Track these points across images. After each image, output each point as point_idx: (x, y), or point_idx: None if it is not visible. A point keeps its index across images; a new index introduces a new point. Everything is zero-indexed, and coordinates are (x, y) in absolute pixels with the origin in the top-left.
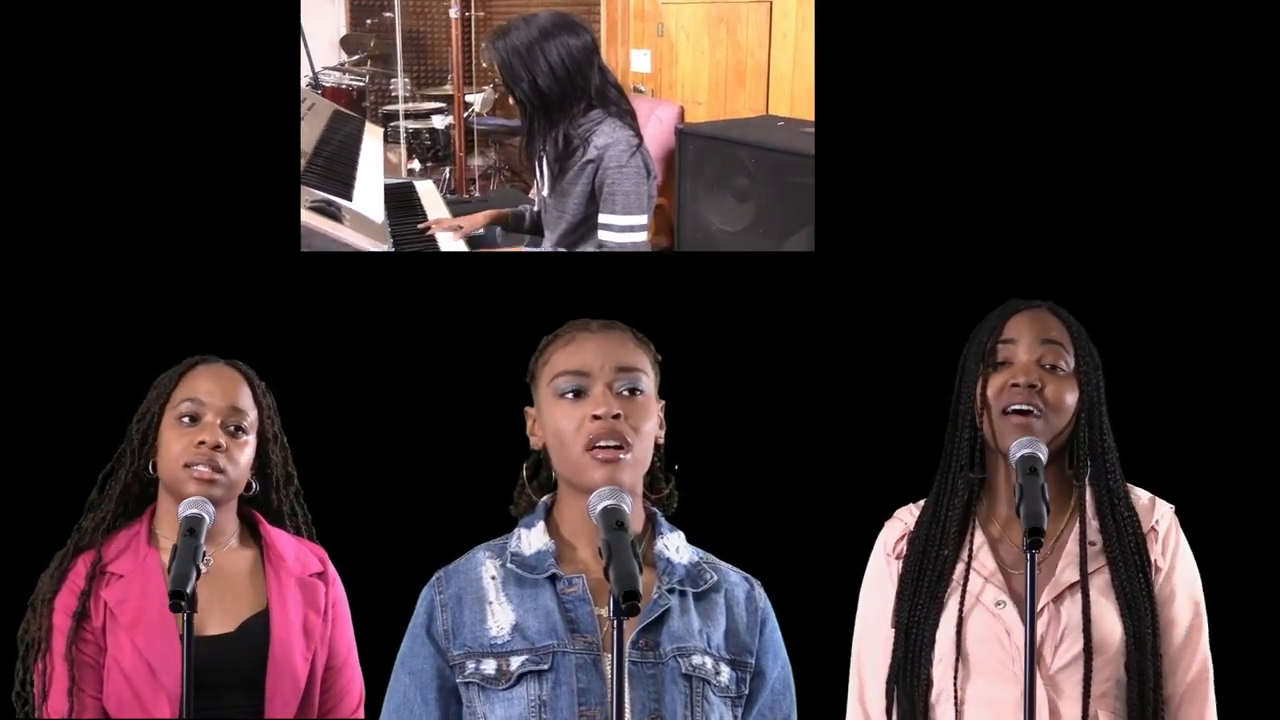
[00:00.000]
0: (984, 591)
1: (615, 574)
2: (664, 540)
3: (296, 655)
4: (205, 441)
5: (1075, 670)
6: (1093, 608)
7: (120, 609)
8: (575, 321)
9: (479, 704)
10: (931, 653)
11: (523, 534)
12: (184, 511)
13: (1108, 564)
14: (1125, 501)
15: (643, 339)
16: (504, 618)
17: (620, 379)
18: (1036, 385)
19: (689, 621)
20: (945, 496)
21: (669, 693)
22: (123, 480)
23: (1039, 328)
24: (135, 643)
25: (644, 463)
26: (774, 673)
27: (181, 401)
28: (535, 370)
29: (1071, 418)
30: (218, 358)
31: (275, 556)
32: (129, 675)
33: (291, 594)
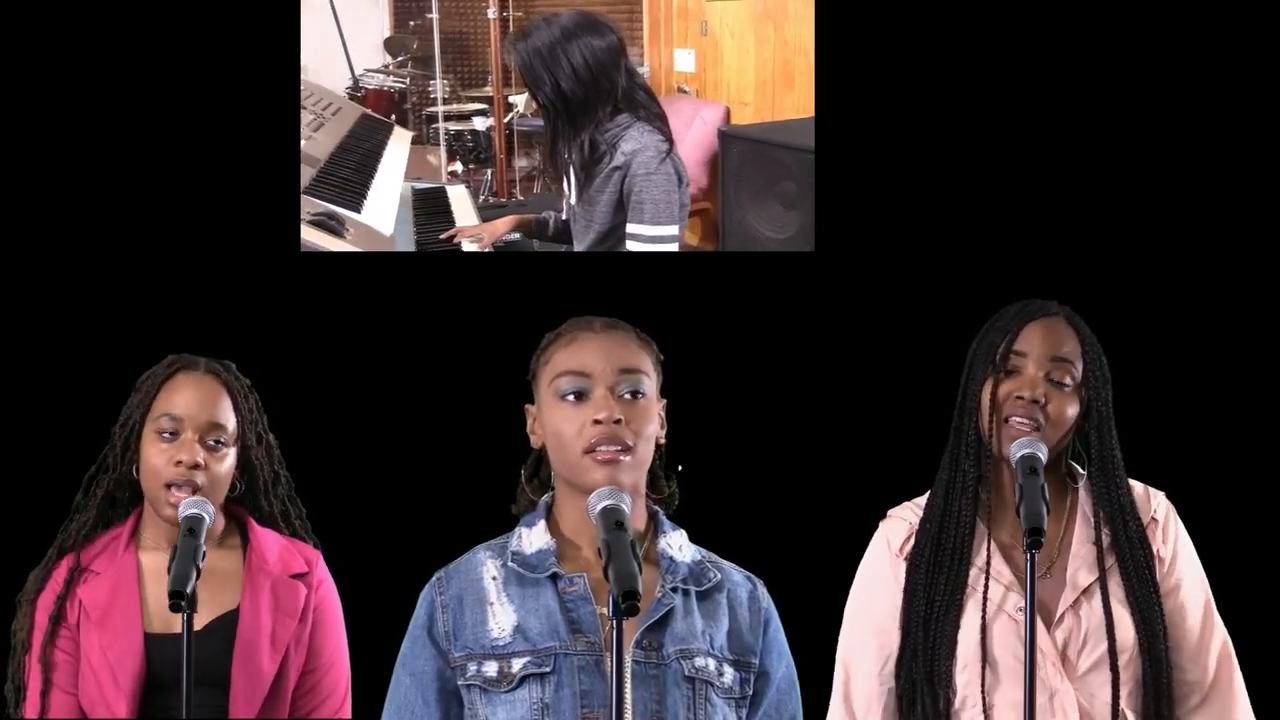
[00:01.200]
0: (1005, 600)
1: (615, 574)
2: (666, 539)
3: (263, 656)
4: (183, 461)
5: (1100, 673)
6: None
7: (92, 608)
8: (578, 320)
9: (480, 706)
10: (953, 656)
11: (523, 533)
12: (184, 511)
13: (1117, 564)
14: (1130, 498)
15: (645, 338)
16: (505, 619)
17: (622, 381)
18: (1040, 401)
19: (692, 622)
20: (956, 491)
21: (671, 695)
22: (105, 485)
23: (1052, 342)
24: (100, 642)
25: (644, 464)
26: (778, 673)
27: (161, 415)
28: (536, 369)
29: (1067, 431)
30: (199, 360)
31: (256, 557)
32: (96, 674)
33: (265, 595)
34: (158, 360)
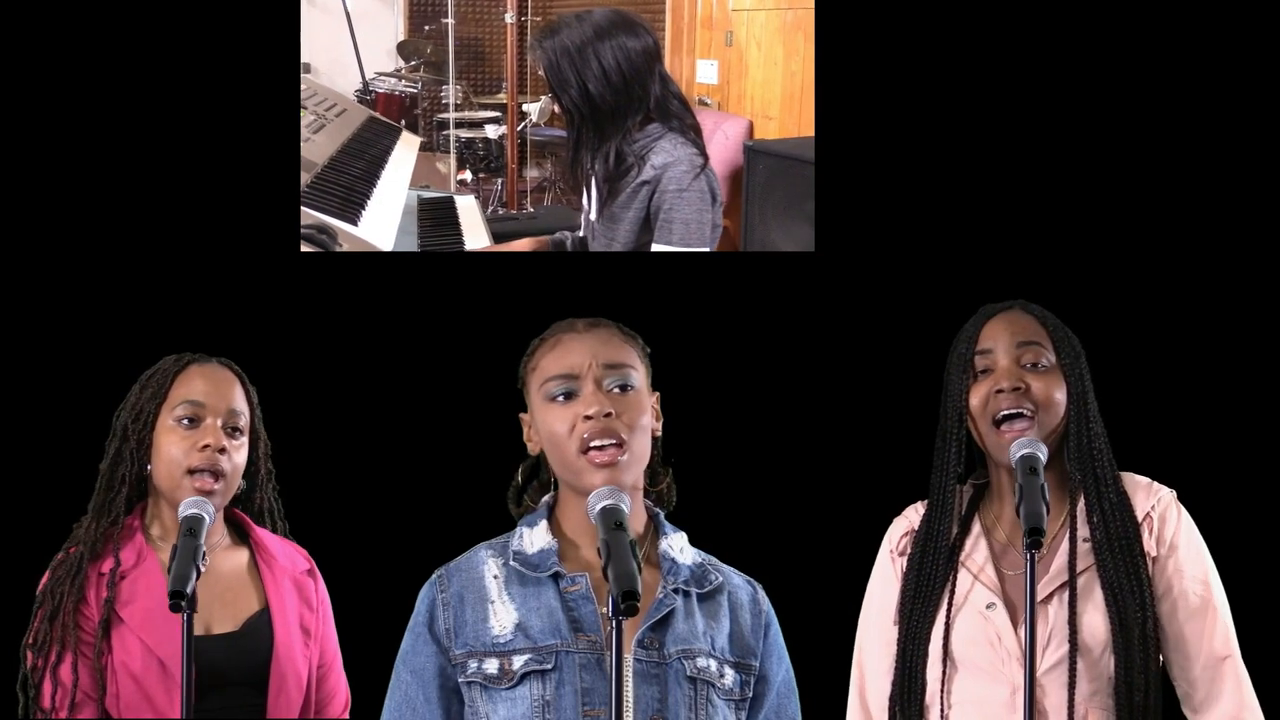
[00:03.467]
0: (973, 593)
1: (614, 574)
2: (668, 540)
3: (297, 653)
4: (210, 445)
5: (1063, 671)
6: (1079, 607)
7: (125, 610)
8: (561, 323)
9: (481, 704)
10: (927, 656)
11: (525, 533)
12: (184, 511)
13: (1095, 559)
14: (1114, 488)
15: (629, 333)
16: (506, 617)
17: (609, 376)
18: (1021, 387)
19: (693, 624)
20: (937, 509)
21: (673, 694)
22: (128, 482)
23: (1013, 331)
24: (145, 642)
25: (642, 459)
26: (778, 677)
27: (180, 403)
28: (525, 376)
29: (1064, 413)
30: (208, 356)
31: (267, 556)
32: (138, 676)
33: (288, 592)
34: (158, 359)
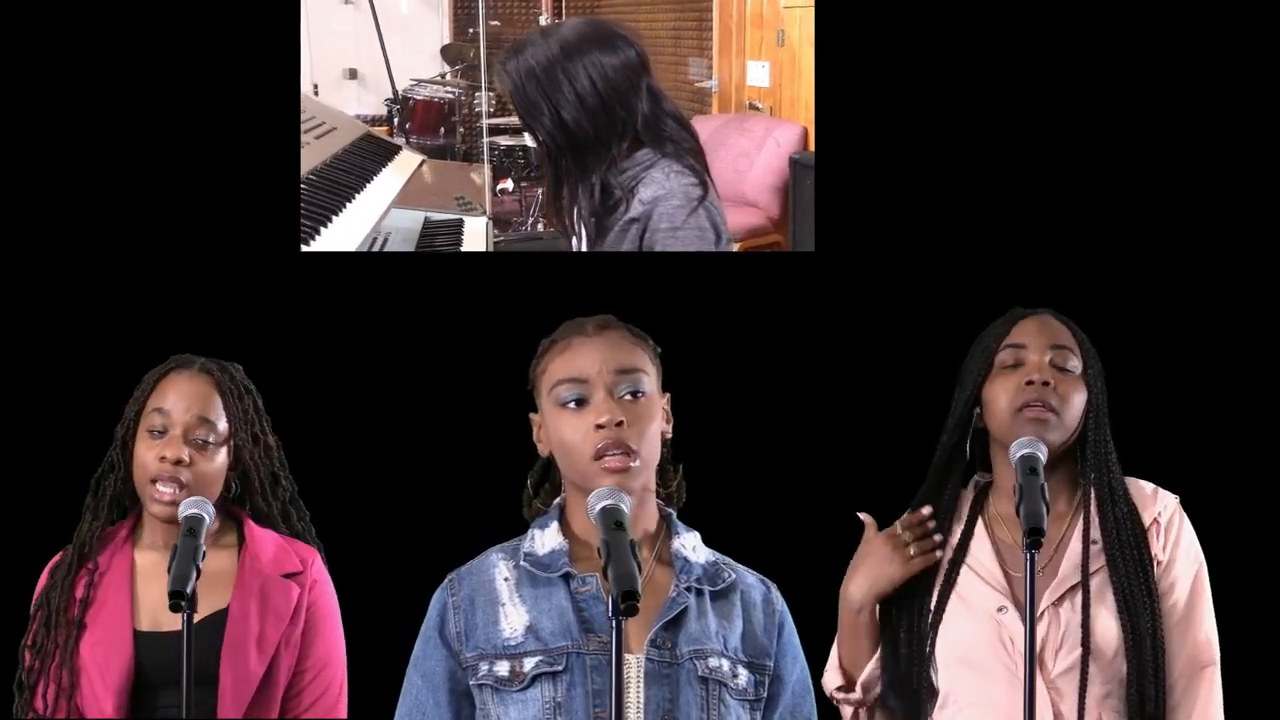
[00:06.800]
0: (980, 594)
1: (614, 574)
2: (680, 540)
3: (251, 656)
4: (166, 457)
5: (1076, 675)
6: (1092, 610)
7: (89, 607)
8: (570, 324)
9: (492, 706)
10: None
11: (536, 534)
12: (184, 511)
13: (1107, 562)
14: (1125, 498)
15: (640, 334)
16: (517, 619)
17: (621, 382)
18: (1050, 384)
19: (706, 623)
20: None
21: (684, 695)
22: (113, 486)
23: (1048, 333)
24: (90, 639)
25: (652, 464)
26: (793, 676)
27: (151, 412)
28: (535, 378)
29: (1080, 419)
30: (195, 359)
31: (250, 556)
32: (87, 672)
33: (255, 595)
34: (159, 360)
